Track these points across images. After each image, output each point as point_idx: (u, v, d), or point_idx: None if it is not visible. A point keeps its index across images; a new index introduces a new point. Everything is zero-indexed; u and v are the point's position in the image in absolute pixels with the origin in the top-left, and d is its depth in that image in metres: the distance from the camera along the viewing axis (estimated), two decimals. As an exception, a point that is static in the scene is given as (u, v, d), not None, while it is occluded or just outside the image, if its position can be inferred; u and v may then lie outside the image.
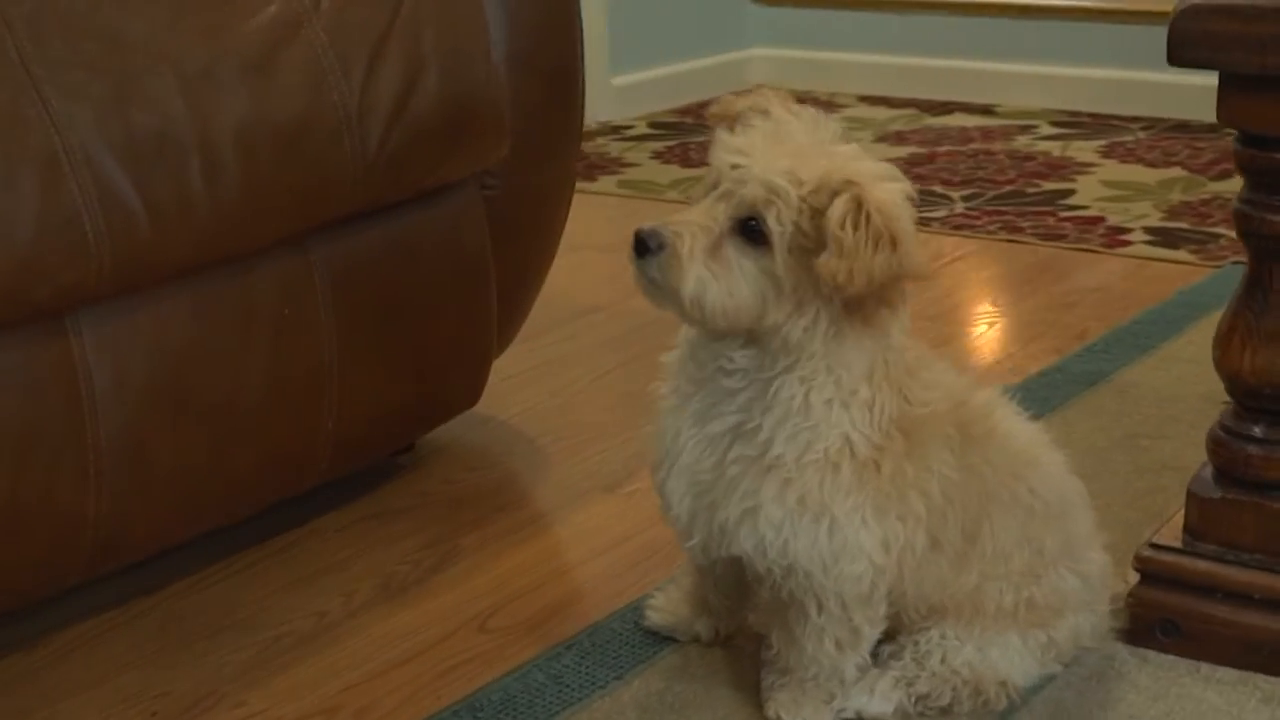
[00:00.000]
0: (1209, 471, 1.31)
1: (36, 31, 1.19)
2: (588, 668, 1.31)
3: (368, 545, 1.54)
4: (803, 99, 3.71)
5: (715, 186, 1.13)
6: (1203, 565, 1.29)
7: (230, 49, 1.30)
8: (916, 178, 2.87)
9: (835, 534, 1.16)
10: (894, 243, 1.08)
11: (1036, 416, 1.74)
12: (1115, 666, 1.30)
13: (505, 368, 1.92)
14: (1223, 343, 1.27)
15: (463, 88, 1.50)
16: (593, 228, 2.37)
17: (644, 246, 1.11)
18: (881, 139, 3.22)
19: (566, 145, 1.69)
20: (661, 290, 1.11)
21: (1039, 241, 2.50)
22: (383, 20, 1.44)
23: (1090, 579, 1.29)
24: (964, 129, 3.30)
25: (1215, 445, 1.29)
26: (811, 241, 1.09)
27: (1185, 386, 1.83)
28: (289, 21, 1.36)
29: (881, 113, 3.48)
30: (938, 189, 2.83)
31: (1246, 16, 1.15)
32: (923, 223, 2.56)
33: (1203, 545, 1.30)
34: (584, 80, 1.72)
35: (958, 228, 2.58)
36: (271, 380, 1.40)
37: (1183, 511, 1.33)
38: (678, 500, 1.20)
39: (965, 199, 2.75)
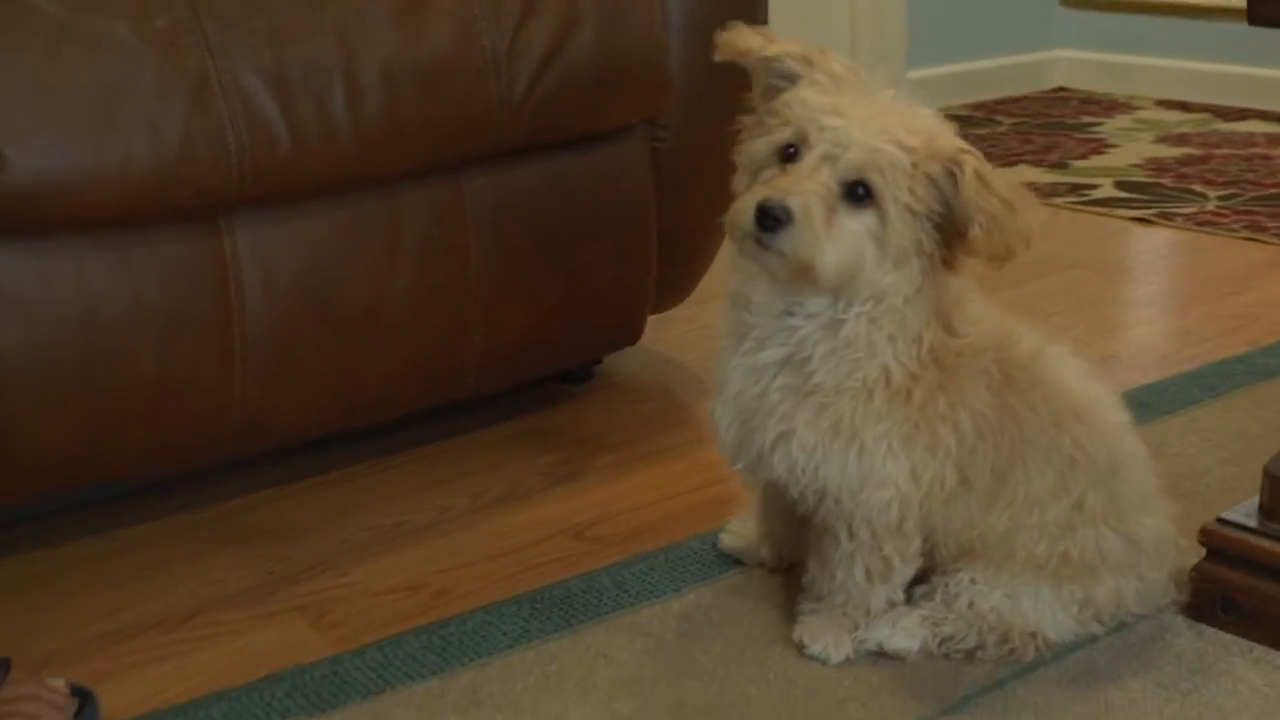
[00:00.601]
0: (1287, 453, 1.19)
1: (202, -32, 1.27)
2: (652, 578, 1.29)
3: (510, 457, 1.57)
4: (1101, 101, 3.52)
5: (804, 142, 1.07)
6: (1269, 545, 1.17)
7: (382, -11, 1.35)
8: (1179, 176, 2.70)
9: (863, 460, 1.11)
10: (1019, 208, 1.06)
11: (1197, 401, 1.64)
12: (1166, 637, 1.18)
13: (697, 316, 1.91)
14: None
15: (619, 44, 1.49)
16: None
17: (773, 220, 1.05)
18: (1161, 139, 3.01)
19: (739, 104, 1.66)
20: (790, 262, 1.06)
21: (1277, 241, 2.30)
22: (542, -30, 1.45)
23: (1139, 543, 1.19)
24: (1250, 135, 3.04)
25: None
26: (921, 204, 1.06)
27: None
28: (445, -33, 1.39)
29: (1174, 116, 3.24)
30: (1196, 187, 2.63)
31: None
32: (1165, 216, 2.44)
33: (1272, 525, 1.17)
34: (766, 44, 1.68)
35: (1201, 224, 2.39)
36: (416, 295, 1.43)
37: (1258, 493, 1.19)
38: (725, 426, 1.18)
39: (1221, 199, 2.54)
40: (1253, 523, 1.18)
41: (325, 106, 1.30)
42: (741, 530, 1.33)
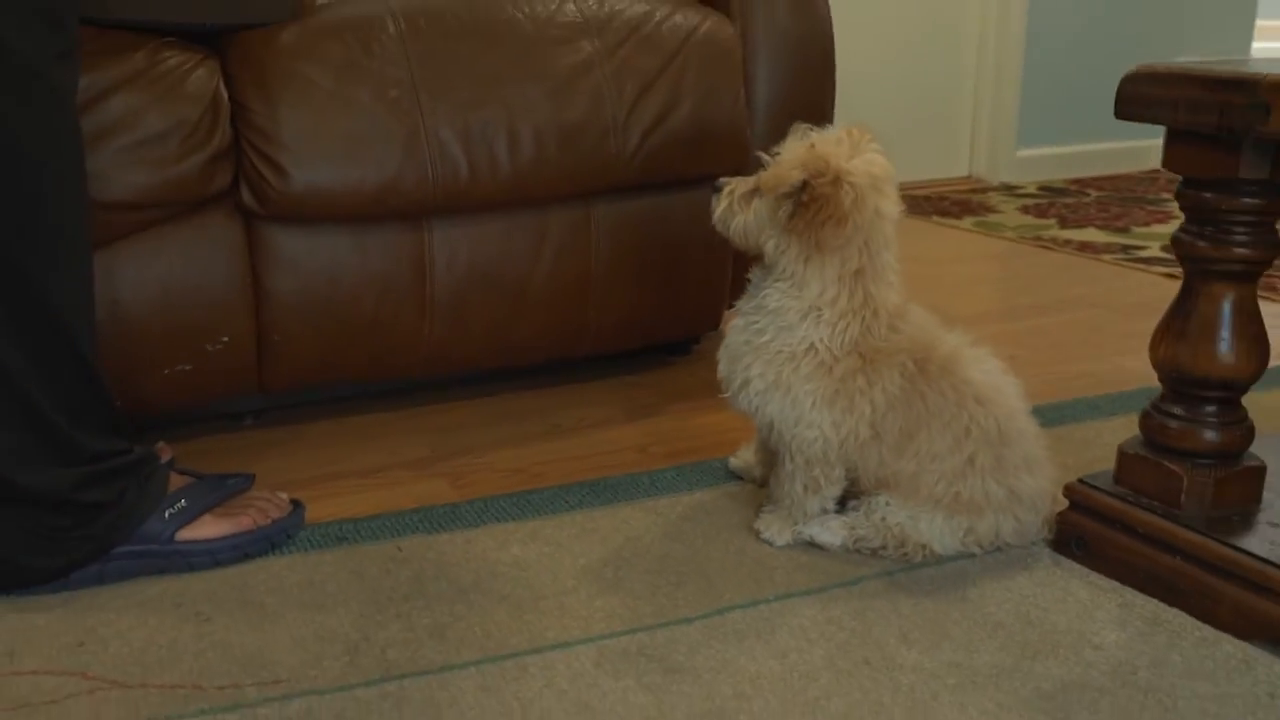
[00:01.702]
0: (1137, 437, 1.36)
1: (424, 60, 1.64)
2: (678, 481, 1.58)
3: (612, 398, 1.88)
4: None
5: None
6: (1112, 502, 1.34)
7: (543, 77, 1.69)
8: None
9: (795, 407, 1.38)
10: (816, 208, 1.31)
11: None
12: (1028, 561, 1.38)
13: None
14: (1154, 340, 1.32)
15: (709, 116, 1.79)
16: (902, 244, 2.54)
17: (714, 191, 1.43)
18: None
19: (804, 167, 1.94)
20: (718, 223, 1.42)
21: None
22: (656, 67, 1.76)
23: (1019, 494, 1.38)
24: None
25: (1145, 418, 1.35)
26: (791, 201, 1.34)
27: None
28: (586, 63, 1.72)
29: (1246, 197, 3.30)
30: (1233, 255, 2.72)
31: (1165, 82, 1.23)
32: None
33: (1118, 488, 1.35)
34: (830, 120, 1.95)
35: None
36: (551, 280, 1.77)
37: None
38: (721, 366, 1.46)
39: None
40: (1104, 485, 1.36)
41: (493, 153, 1.66)
42: (744, 455, 1.62)
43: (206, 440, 1.73)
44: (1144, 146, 3.66)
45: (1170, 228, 2.94)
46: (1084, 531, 1.37)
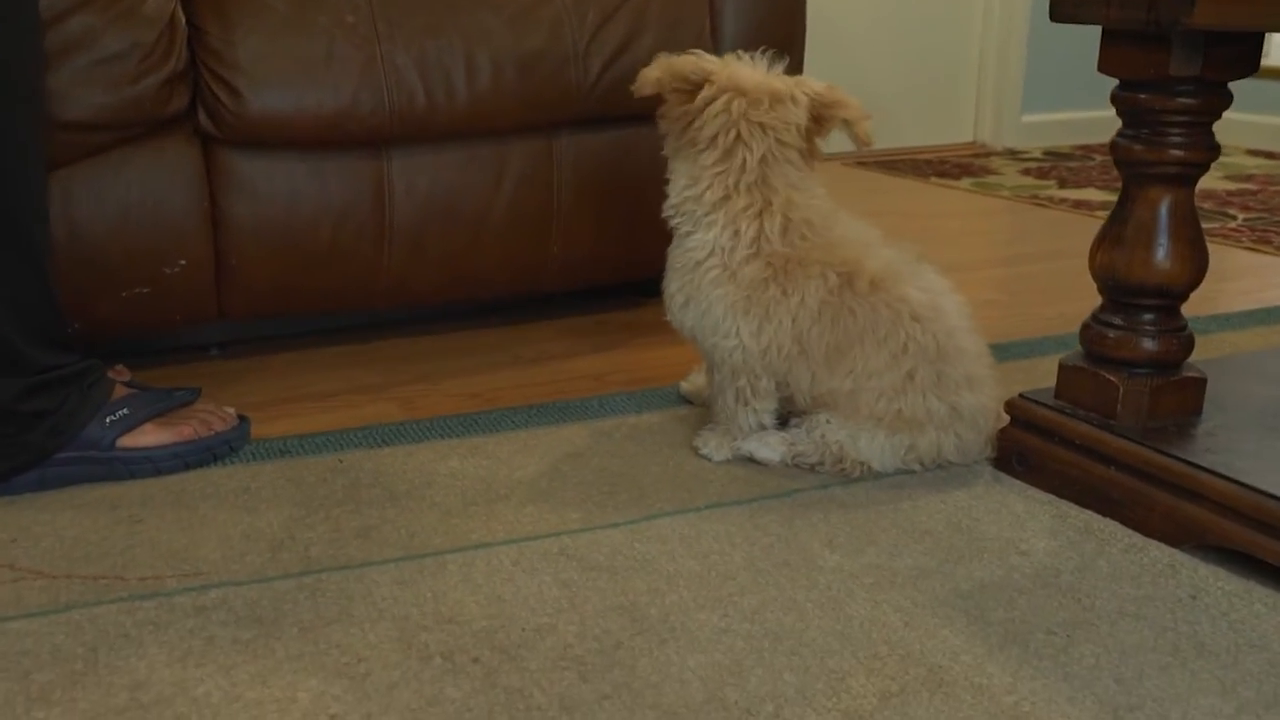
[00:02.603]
0: (1078, 350, 1.34)
1: (381, -16, 1.66)
2: (627, 405, 1.58)
3: (578, 332, 1.89)
4: None
5: None
6: (1050, 415, 1.33)
7: (502, 4, 1.69)
8: (1222, 202, 2.77)
9: (707, 315, 1.38)
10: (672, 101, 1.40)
11: None
12: (968, 478, 1.37)
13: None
14: (1093, 248, 1.29)
15: (673, 48, 1.74)
16: (894, 200, 2.53)
17: None
18: (1229, 177, 3.05)
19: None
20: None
21: (1274, 250, 2.37)
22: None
23: (960, 410, 1.37)
24: (1318, 179, 3.04)
25: (1084, 329, 1.32)
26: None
27: None
28: (547, -6, 1.74)
29: (1253, 161, 3.25)
30: (1231, 210, 2.68)
31: None
32: None
33: (1058, 403, 1.33)
34: (802, 61, 1.94)
35: (1218, 236, 2.48)
36: (512, 212, 1.77)
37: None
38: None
39: (1248, 220, 2.60)
40: (1045, 400, 1.34)
41: (450, 81, 1.66)
42: (694, 379, 1.61)
43: (171, 369, 1.75)
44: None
45: (1172, 188, 2.92)
46: (1024, 447, 1.35)
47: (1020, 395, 1.38)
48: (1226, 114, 1.31)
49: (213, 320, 1.72)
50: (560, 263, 1.84)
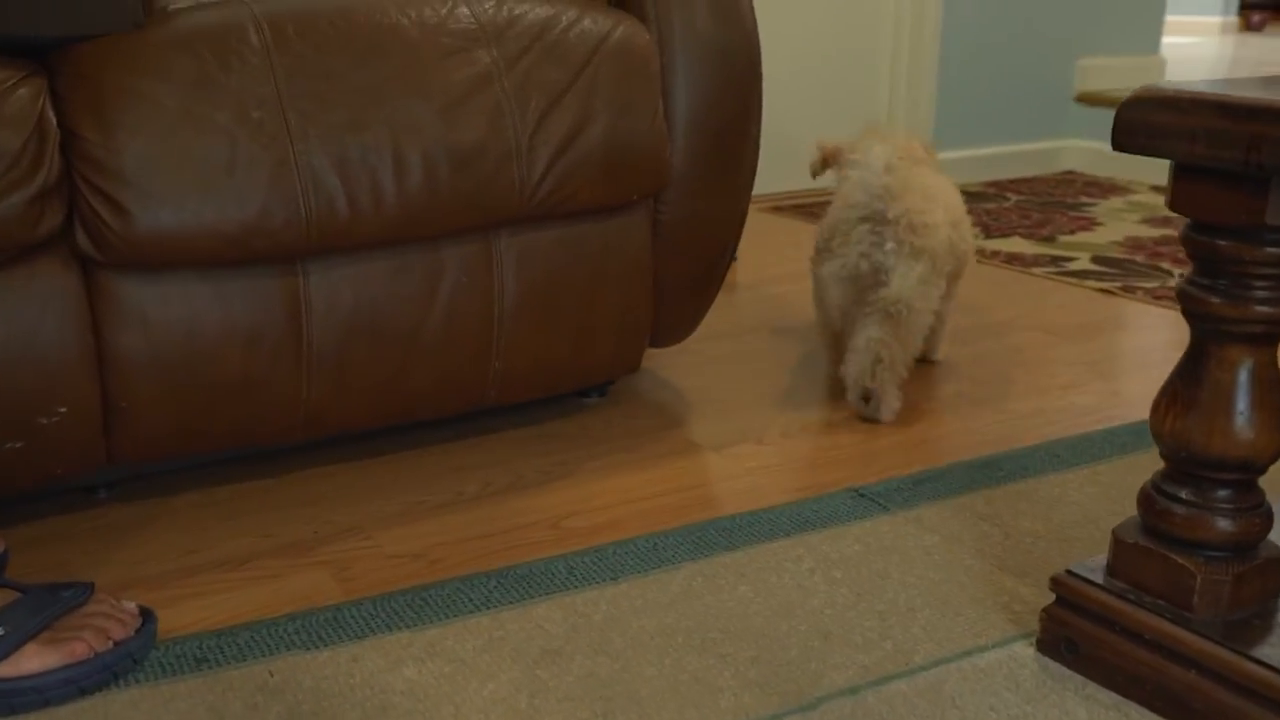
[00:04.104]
0: (1135, 521, 1.14)
1: (292, 74, 1.35)
2: (598, 566, 1.33)
3: (520, 454, 1.62)
4: (1103, 184, 3.61)
5: None
6: (1109, 600, 1.12)
7: (433, 94, 1.41)
8: (1152, 254, 2.63)
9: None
10: None
11: (1105, 457, 1.61)
12: (1012, 668, 1.15)
13: (704, 350, 1.96)
14: (1157, 407, 1.09)
15: (624, 138, 1.53)
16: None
17: None
18: (1147, 220, 2.94)
19: (730, 188, 1.69)
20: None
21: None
22: (564, 80, 1.49)
23: None
24: (1222, 220, 2.92)
25: (1144, 499, 1.11)
26: None
27: None
28: (484, 76, 1.44)
29: (1163, 200, 3.15)
30: (1164, 265, 2.56)
31: (1180, 108, 0.98)
32: (1128, 289, 2.39)
33: (1114, 582, 1.13)
34: (756, 139, 1.71)
35: (1159, 298, 2.33)
36: (448, 326, 1.50)
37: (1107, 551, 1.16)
38: None
39: (1184, 275, 2.47)
40: (1098, 578, 1.14)
41: (377, 182, 1.37)
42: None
43: (51, 521, 1.43)
44: (1057, 148, 3.51)
45: (1095, 236, 2.79)
46: (1075, 632, 1.14)
47: (1069, 572, 1.16)
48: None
49: (100, 467, 1.41)
50: (502, 376, 1.57)
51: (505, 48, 1.48)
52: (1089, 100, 3.46)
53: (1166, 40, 3.87)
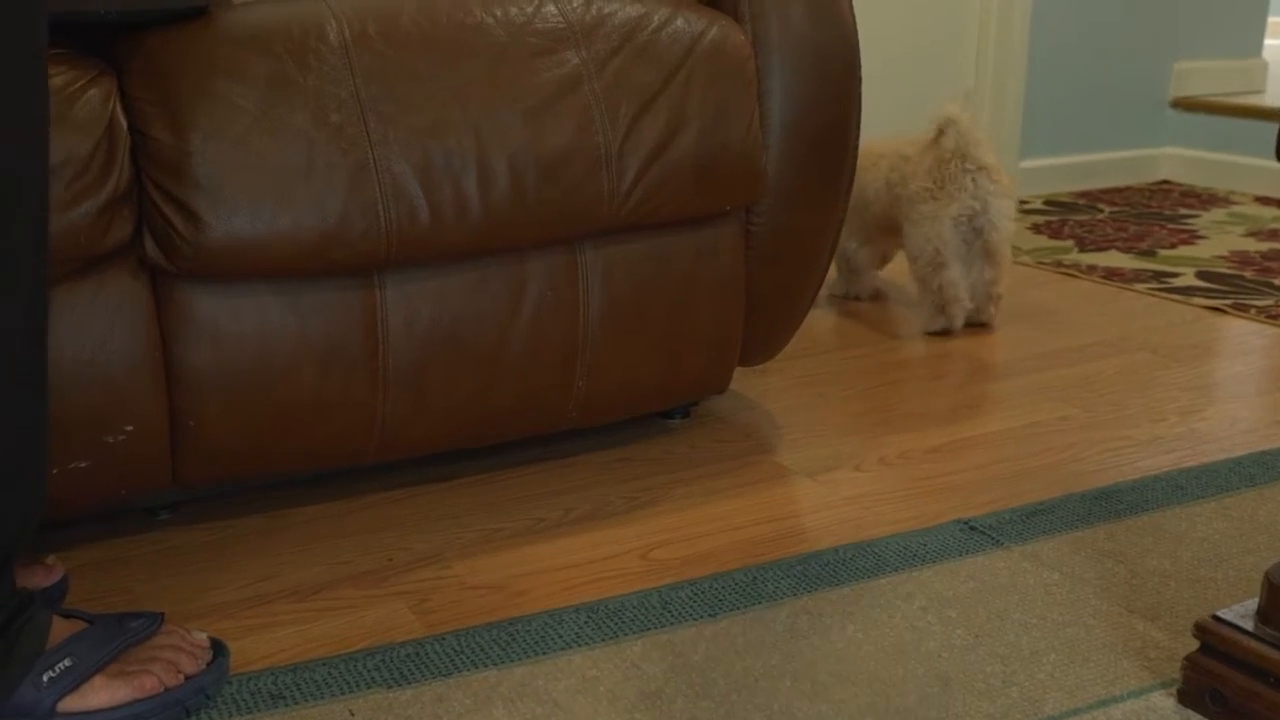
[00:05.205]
0: (1286, 559, 1.09)
1: (372, 75, 1.32)
2: (695, 602, 1.29)
3: (603, 479, 1.58)
4: (1200, 195, 3.57)
5: None
6: (1260, 648, 1.06)
7: (519, 96, 1.38)
8: (1262, 270, 2.56)
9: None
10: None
11: (1233, 489, 1.56)
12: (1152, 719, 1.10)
13: (791, 369, 1.92)
14: None
15: (719, 143, 1.49)
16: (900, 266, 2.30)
17: None
18: (1252, 233, 2.85)
19: (828, 198, 1.65)
20: None
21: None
22: (656, 82, 1.46)
23: None
24: (1342, 235, 2.85)
25: None
26: None
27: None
28: (572, 78, 1.42)
29: (1269, 212, 3.07)
30: (1277, 281, 2.48)
31: None
32: (1240, 307, 2.32)
33: (1267, 630, 1.06)
34: (854, 145, 1.67)
35: (1273, 317, 2.25)
36: (531, 342, 1.47)
37: (1255, 596, 1.10)
38: None
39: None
40: (1248, 625, 1.07)
41: (460, 189, 1.35)
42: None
43: (111, 544, 1.41)
44: (1151, 155, 3.43)
45: (1198, 250, 2.71)
46: (1223, 683, 1.08)
47: (1215, 617, 1.10)
48: (1230, 159, 1.09)
49: (165, 488, 1.39)
50: (585, 396, 1.54)
51: (595, 48, 1.45)
52: (1186, 106, 3.39)
53: (1269, 43, 3.77)
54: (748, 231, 1.61)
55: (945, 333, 2.18)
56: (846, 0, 1.64)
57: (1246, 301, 2.34)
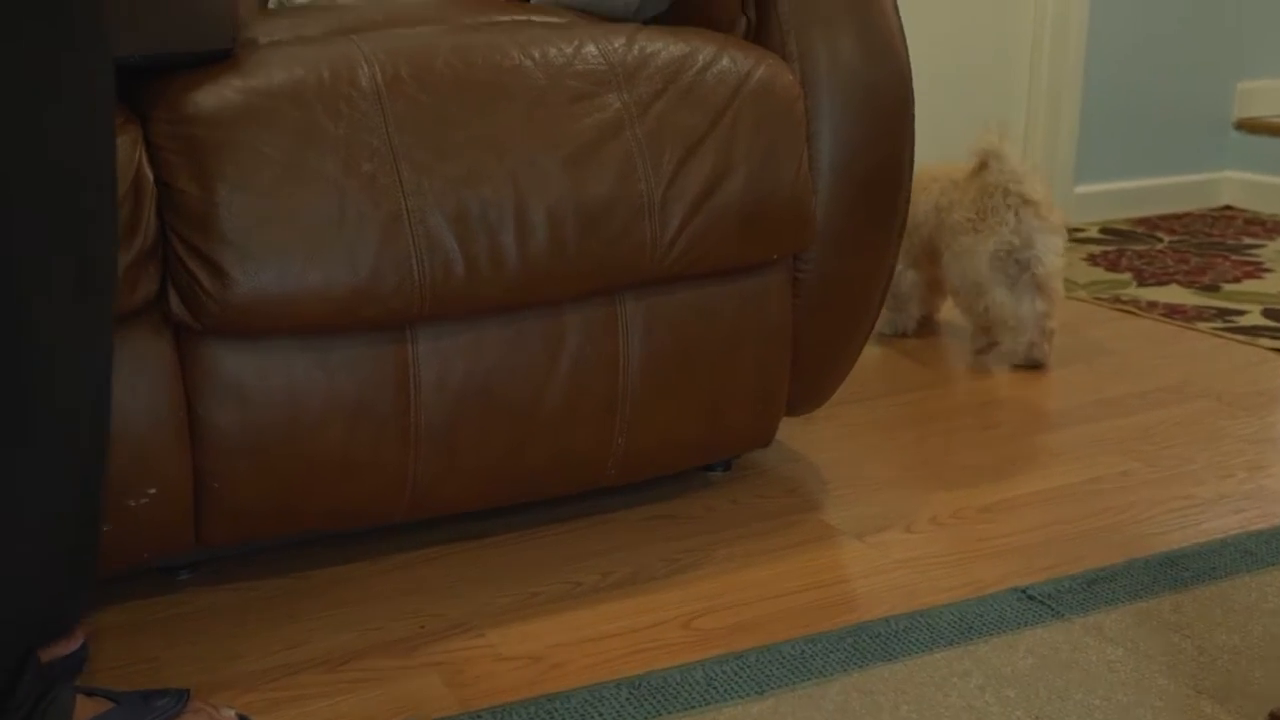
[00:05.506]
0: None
1: (405, 122, 1.29)
2: (741, 677, 1.24)
3: (641, 539, 1.54)
4: (1266, 222, 3.47)
5: None
6: None
7: (559, 143, 1.35)
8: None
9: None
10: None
11: None
12: None
13: (838, 416, 1.87)
14: None
15: (767, 189, 1.45)
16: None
17: None
18: (1318, 264, 2.77)
19: (879, 242, 1.60)
20: None
21: None
22: (701, 126, 1.42)
23: None
24: None
25: None
26: None
27: None
28: (614, 123, 1.37)
29: (1331, 239, 2.98)
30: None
31: None
32: None
33: None
34: (907, 185, 1.62)
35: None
36: (568, 398, 1.42)
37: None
38: None
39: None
40: None
41: (497, 241, 1.31)
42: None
43: (128, 607, 1.38)
44: (1213, 180, 3.34)
45: (1265, 285, 2.63)
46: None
47: (1284, 705, 1.06)
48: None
49: (187, 550, 1.36)
50: (624, 453, 1.49)
51: (637, 90, 1.41)
52: (1250, 128, 3.30)
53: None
54: (795, 279, 1.56)
55: (989, 349, 2.18)
56: (898, 30, 1.60)
57: (1308, 332, 2.27)
